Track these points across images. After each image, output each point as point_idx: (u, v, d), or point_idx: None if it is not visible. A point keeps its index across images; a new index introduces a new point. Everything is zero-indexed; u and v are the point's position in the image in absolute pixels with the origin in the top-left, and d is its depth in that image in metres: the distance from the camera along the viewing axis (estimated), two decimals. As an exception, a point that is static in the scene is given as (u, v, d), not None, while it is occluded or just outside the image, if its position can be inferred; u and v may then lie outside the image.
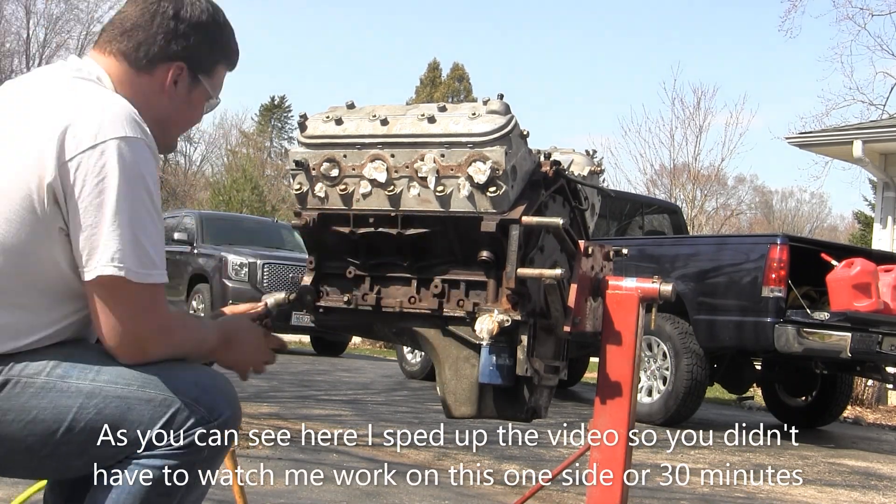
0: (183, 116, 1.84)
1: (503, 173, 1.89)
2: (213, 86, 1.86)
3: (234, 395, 1.68)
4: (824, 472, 5.71)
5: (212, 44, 1.82)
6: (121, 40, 1.75)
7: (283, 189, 33.91)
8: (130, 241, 1.57)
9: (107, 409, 1.59)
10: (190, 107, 1.84)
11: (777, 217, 45.53)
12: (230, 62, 1.90)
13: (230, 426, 1.65)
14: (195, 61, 1.80)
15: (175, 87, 1.79)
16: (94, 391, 1.60)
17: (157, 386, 1.61)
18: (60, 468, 1.65)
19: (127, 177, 1.56)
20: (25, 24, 32.05)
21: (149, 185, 1.60)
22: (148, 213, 1.60)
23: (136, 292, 1.59)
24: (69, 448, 1.59)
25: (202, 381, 1.65)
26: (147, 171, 1.60)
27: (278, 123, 50.53)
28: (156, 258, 1.61)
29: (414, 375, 9.38)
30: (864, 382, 10.42)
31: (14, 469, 1.65)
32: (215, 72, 1.85)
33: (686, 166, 26.46)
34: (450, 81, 48.10)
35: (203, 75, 1.82)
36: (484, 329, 1.89)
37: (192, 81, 1.81)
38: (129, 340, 1.62)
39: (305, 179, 2.06)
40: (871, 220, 19.86)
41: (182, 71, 1.78)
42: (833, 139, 12.23)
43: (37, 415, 1.58)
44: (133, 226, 1.57)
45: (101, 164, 1.55)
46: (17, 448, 1.59)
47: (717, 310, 7.13)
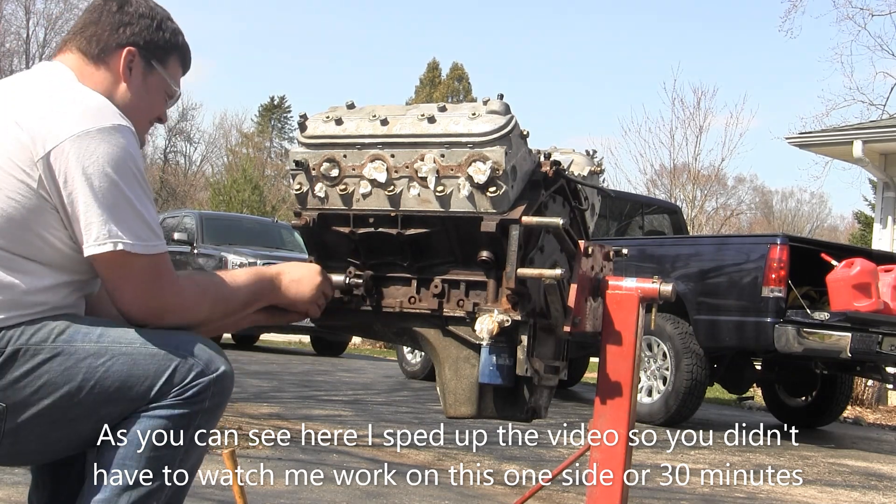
0: (143, 103, 1.90)
1: (503, 173, 1.89)
2: (169, 75, 1.93)
3: (224, 354, 1.77)
4: (824, 472, 5.71)
5: (158, 30, 1.91)
6: (77, 39, 1.88)
7: (283, 189, 33.94)
8: (123, 218, 1.67)
9: (114, 367, 1.67)
10: (147, 93, 1.91)
11: (777, 217, 45.54)
12: (183, 59, 1.98)
13: (227, 380, 1.74)
14: (145, 47, 1.89)
15: (130, 73, 1.87)
16: (101, 350, 1.68)
17: (159, 342, 1.71)
18: (70, 436, 1.70)
19: (113, 158, 1.66)
20: (25, 24, 32.10)
21: (135, 165, 1.69)
22: (139, 188, 1.69)
23: (140, 265, 1.69)
24: (80, 410, 1.67)
25: (195, 340, 1.74)
26: (133, 153, 1.69)
27: (278, 123, 50.53)
28: (154, 228, 1.71)
29: (414, 375, 9.38)
30: (864, 382, 10.42)
31: (25, 441, 1.68)
32: (169, 62, 1.93)
33: (686, 166, 26.46)
34: (449, 81, 48.11)
35: (156, 62, 1.91)
36: (484, 329, 1.89)
37: (146, 67, 1.89)
38: (144, 311, 1.73)
39: (305, 179, 2.06)
40: (871, 220, 19.86)
41: (134, 56, 1.87)
42: (833, 139, 12.23)
43: (48, 378, 1.65)
44: (123, 203, 1.67)
45: (88, 150, 1.65)
46: (30, 414, 1.65)
47: (718, 310, 7.13)
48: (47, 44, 32.50)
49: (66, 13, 32.35)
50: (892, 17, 23.33)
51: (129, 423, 1.68)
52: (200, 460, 1.78)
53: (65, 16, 32.45)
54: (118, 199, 1.66)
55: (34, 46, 32.40)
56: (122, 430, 1.68)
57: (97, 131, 1.66)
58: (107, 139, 1.66)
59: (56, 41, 32.39)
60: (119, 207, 1.66)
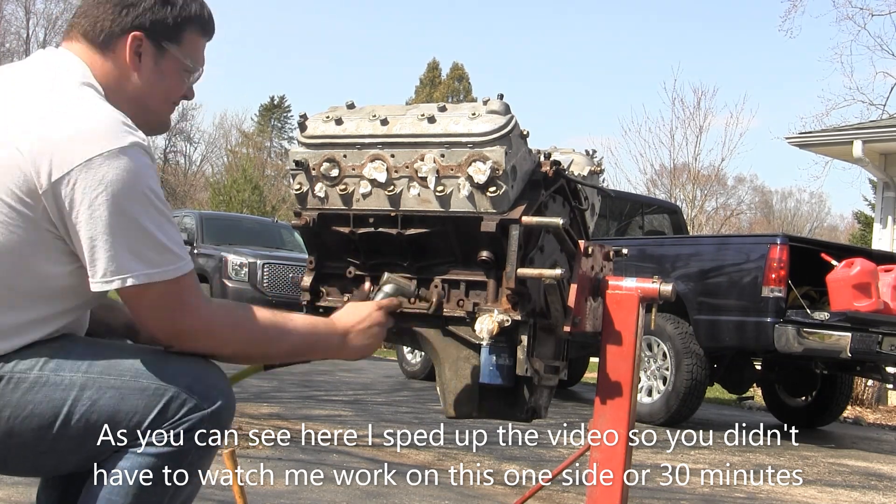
0: (157, 90, 1.77)
1: (503, 173, 1.89)
2: (184, 54, 1.78)
3: (228, 385, 1.68)
4: (824, 472, 5.71)
5: (164, 6, 1.75)
6: (80, 23, 1.74)
7: (283, 189, 33.91)
8: (134, 248, 1.56)
9: (101, 401, 1.59)
10: (162, 78, 1.77)
11: (777, 217, 45.54)
12: (202, 27, 1.82)
13: (224, 415, 1.65)
14: (153, 29, 1.74)
15: (139, 60, 1.74)
16: (88, 383, 1.59)
17: (151, 376, 1.61)
18: (59, 464, 1.64)
19: (123, 185, 1.54)
20: (25, 24, 32.10)
21: (147, 186, 1.58)
22: (153, 209, 1.58)
23: (156, 292, 1.59)
24: (66, 442, 1.59)
25: (195, 370, 1.64)
26: (144, 174, 1.57)
27: (278, 123, 50.54)
28: (172, 249, 1.59)
29: (414, 375, 9.38)
30: (864, 382, 10.41)
31: (14, 467, 1.64)
32: (184, 39, 1.78)
33: (686, 166, 26.45)
34: (449, 81, 48.11)
35: (168, 43, 1.76)
36: (484, 329, 1.89)
37: (157, 51, 1.75)
38: (166, 336, 1.64)
39: (305, 179, 2.06)
40: (871, 220, 19.85)
41: (141, 41, 1.73)
42: (833, 139, 12.23)
43: (32, 409, 1.57)
44: (134, 231, 1.56)
45: (96, 178, 1.54)
46: (14, 444, 1.59)
47: (718, 310, 7.13)
48: (47, 44, 32.48)
49: (66, 13, 32.36)
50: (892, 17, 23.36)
51: (116, 460, 1.59)
52: (193, 496, 1.69)
53: (64, 16, 32.48)
54: (128, 228, 1.55)
55: (34, 46, 32.39)
56: (109, 466, 1.59)
57: (104, 157, 1.54)
58: (115, 165, 1.54)
59: (56, 41, 32.39)
60: (129, 237, 1.55)
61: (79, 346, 1.66)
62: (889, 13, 20.96)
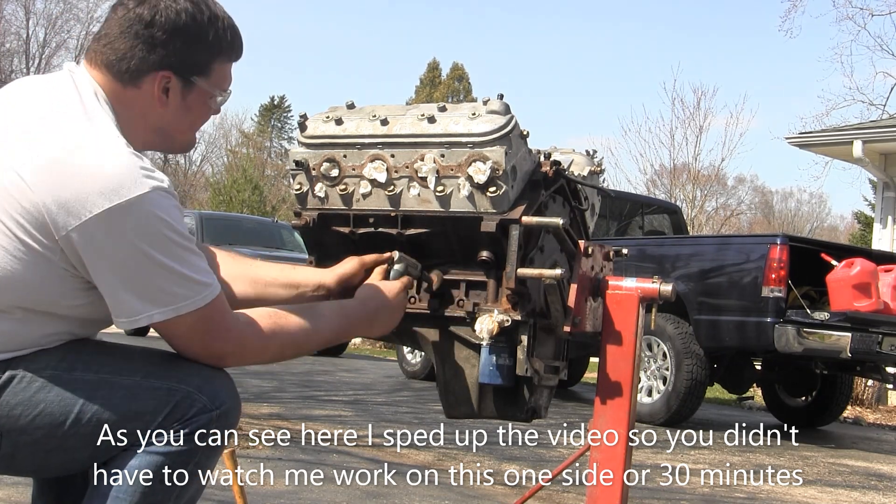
0: (184, 122, 1.76)
1: (503, 173, 1.89)
2: (212, 84, 1.75)
3: (234, 386, 1.69)
4: (825, 472, 5.71)
5: (197, 45, 1.70)
6: (105, 52, 1.68)
7: (283, 189, 33.92)
8: (160, 287, 1.55)
9: (112, 400, 1.60)
10: (188, 112, 1.75)
11: (777, 217, 45.53)
12: (230, 55, 1.78)
13: (231, 417, 1.66)
14: (182, 66, 1.70)
15: (167, 97, 1.70)
16: (100, 382, 1.60)
17: (161, 376, 1.62)
18: (66, 462, 1.65)
19: (143, 231, 1.53)
20: (25, 24, 32.10)
21: (168, 227, 1.55)
22: (177, 247, 1.57)
23: (185, 324, 1.60)
24: (76, 441, 1.60)
25: (204, 372, 1.66)
26: (163, 218, 1.55)
27: (278, 123, 50.56)
28: (198, 279, 1.59)
29: (414, 375, 9.38)
30: (864, 382, 10.41)
31: (21, 464, 1.65)
32: (212, 70, 1.74)
33: (686, 166, 26.46)
34: (449, 81, 48.11)
35: (197, 77, 1.72)
36: (484, 329, 1.89)
37: (184, 86, 1.71)
38: (202, 358, 1.65)
39: (305, 179, 2.06)
40: (871, 220, 19.84)
41: (170, 79, 1.69)
42: (833, 139, 12.23)
43: (44, 408, 1.58)
44: (158, 273, 1.55)
45: (116, 228, 1.52)
46: (24, 442, 1.59)
47: (718, 310, 7.13)
48: (47, 44, 32.51)
49: (66, 13, 32.39)
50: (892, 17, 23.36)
51: (124, 459, 1.60)
52: (198, 497, 1.70)
53: (64, 16, 32.50)
54: (153, 271, 1.54)
55: (34, 46, 32.42)
56: (116, 466, 1.60)
57: (124, 207, 1.51)
58: (135, 213, 1.51)
59: (56, 41, 32.42)
60: (155, 279, 1.55)
61: (91, 347, 1.67)
62: (889, 13, 21.00)
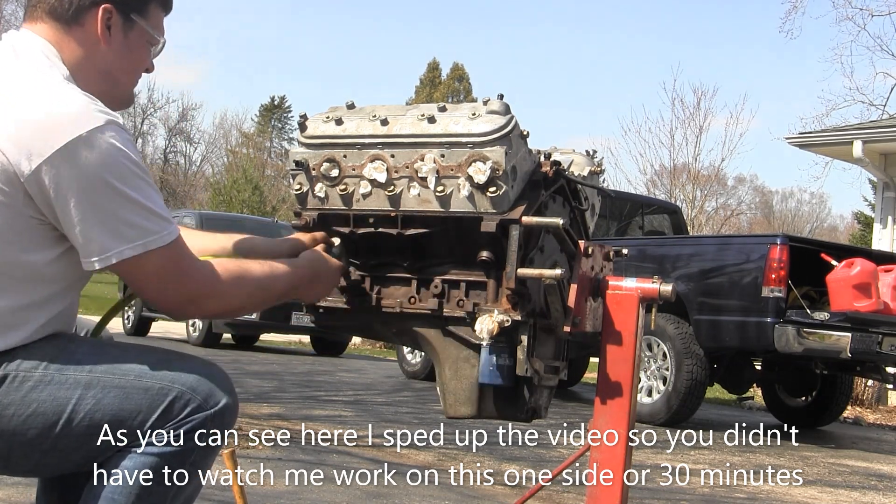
0: (127, 62, 1.79)
1: (503, 173, 1.89)
2: (150, 26, 1.81)
3: (231, 384, 1.69)
4: (825, 472, 5.71)
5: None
6: (46, 2, 1.73)
7: (283, 189, 33.94)
8: (128, 220, 1.57)
9: (105, 399, 1.59)
10: (130, 51, 1.79)
11: (777, 217, 45.57)
12: (163, 2, 1.84)
13: (227, 415, 1.65)
14: (122, 1, 1.75)
15: (109, 33, 1.75)
16: (92, 382, 1.60)
17: (154, 375, 1.62)
18: (61, 462, 1.64)
19: (106, 161, 1.55)
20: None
21: (129, 159, 1.58)
22: (139, 180, 1.59)
23: (155, 261, 1.60)
24: (69, 441, 1.60)
25: (199, 370, 1.66)
26: (123, 149, 1.58)
27: (278, 123, 50.59)
28: (162, 214, 1.60)
29: (414, 375, 9.38)
30: (864, 382, 10.42)
31: (16, 465, 1.64)
32: (150, 11, 1.80)
33: (686, 166, 26.48)
34: (450, 81, 48.15)
35: (136, 14, 1.77)
36: (484, 329, 1.89)
37: (125, 22, 1.76)
38: (176, 303, 1.66)
39: (305, 179, 2.06)
40: (871, 220, 19.86)
41: (111, 14, 1.74)
42: (833, 139, 12.24)
43: (36, 408, 1.58)
44: (125, 205, 1.57)
45: (78, 161, 1.54)
46: (18, 442, 1.59)
47: (718, 310, 7.13)
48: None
49: (67, 13, 32.32)
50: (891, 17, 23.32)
51: (118, 459, 1.60)
52: (195, 496, 1.70)
53: (65, 16, 32.44)
54: (118, 203, 1.56)
55: (34, 47, 32.37)
56: (112, 465, 1.60)
57: (84, 138, 1.54)
58: (95, 143, 1.55)
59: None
60: (119, 211, 1.56)
61: (84, 346, 1.67)
62: (889, 13, 20.98)
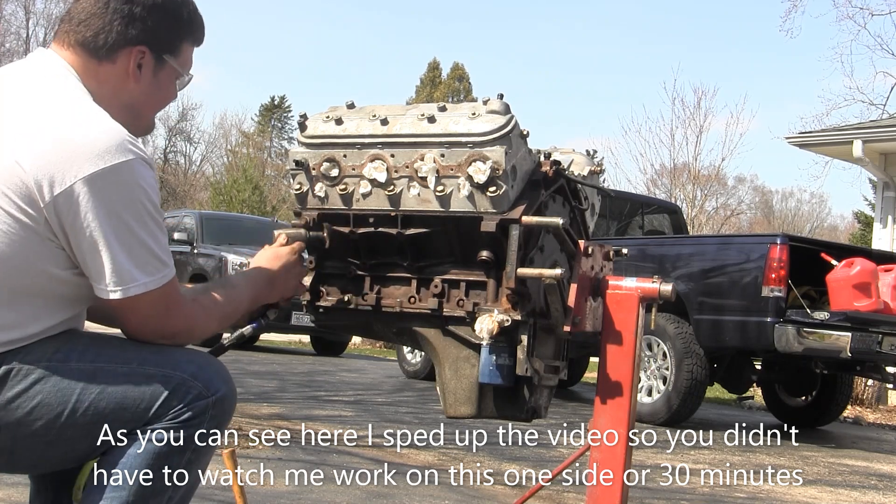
0: (153, 99, 1.82)
1: (503, 173, 1.89)
2: (180, 64, 1.82)
3: (228, 374, 1.72)
4: (825, 471, 5.71)
5: (172, 22, 1.79)
6: (78, 30, 1.73)
7: (283, 189, 33.93)
8: (135, 259, 1.61)
9: (109, 388, 1.62)
10: (159, 89, 1.81)
11: (777, 217, 45.55)
12: (195, 38, 1.86)
13: (227, 403, 1.69)
14: (156, 43, 1.76)
15: (140, 72, 1.76)
16: (96, 372, 1.63)
17: (156, 364, 1.65)
18: (66, 454, 1.66)
19: (125, 198, 1.59)
20: (25, 24, 32.11)
21: (148, 198, 1.61)
22: (152, 222, 1.63)
23: (149, 300, 1.64)
24: (75, 430, 1.62)
25: (198, 359, 1.69)
26: (143, 187, 1.61)
27: (278, 123, 50.55)
28: (162, 258, 1.65)
29: (414, 375, 9.38)
30: (864, 382, 10.42)
31: (20, 459, 1.66)
32: (181, 50, 1.82)
33: (686, 166, 26.46)
34: (450, 81, 48.12)
35: (168, 55, 1.79)
36: (484, 329, 1.89)
37: (157, 63, 1.78)
38: (151, 337, 1.69)
39: (305, 179, 2.07)
40: (871, 220, 19.86)
41: (144, 54, 1.75)
42: (833, 139, 12.23)
43: (42, 399, 1.60)
44: (135, 244, 1.61)
45: (99, 193, 1.57)
46: (23, 434, 1.61)
47: (718, 310, 7.13)
48: (47, 44, 32.46)
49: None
50: (892, 16, 23.38)
51: (122, 450, 1.62)
52: (196, 485, 1.72)
53: (65, 16, 32.45)
54: (130, 240, 1.59)
55: (34, 46, 32.38)
56: (114, 457, 1.62)
57: (108, 171, 1.56)
58: (118, 179, 1.57)
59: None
60: (131, 249, 1.60)
61: (85, 338, 1.69)
62: (889, 13, 21.05)
